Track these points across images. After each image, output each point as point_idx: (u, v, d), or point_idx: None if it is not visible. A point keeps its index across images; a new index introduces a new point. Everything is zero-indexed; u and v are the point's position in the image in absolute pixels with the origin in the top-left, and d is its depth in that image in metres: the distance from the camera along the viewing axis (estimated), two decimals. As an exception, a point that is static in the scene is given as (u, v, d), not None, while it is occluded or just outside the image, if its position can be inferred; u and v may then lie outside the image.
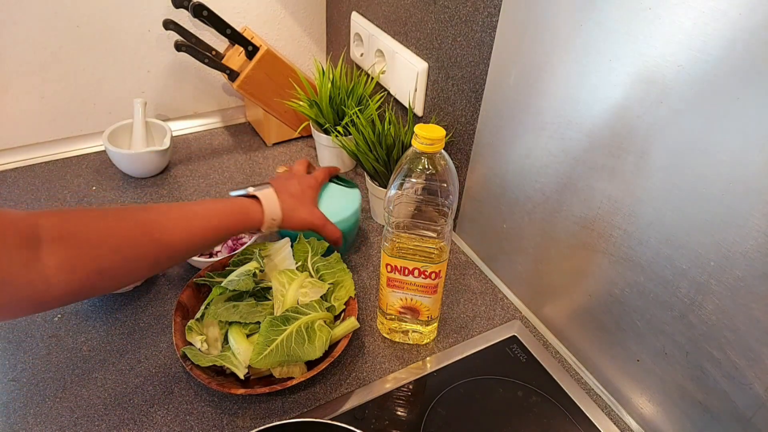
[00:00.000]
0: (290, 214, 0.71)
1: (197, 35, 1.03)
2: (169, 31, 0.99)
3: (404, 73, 0.92)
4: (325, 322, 0.68)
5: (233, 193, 0.73)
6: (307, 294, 0.70)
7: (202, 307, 0.70)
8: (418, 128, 0.60)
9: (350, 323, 0.69)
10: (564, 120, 0.64)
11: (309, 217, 0.73)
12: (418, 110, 0.92)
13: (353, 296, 0.74)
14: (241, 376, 0.64)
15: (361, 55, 1.05)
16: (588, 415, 0.67)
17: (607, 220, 0.62)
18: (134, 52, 1.05)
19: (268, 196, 0.70)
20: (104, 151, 1.01)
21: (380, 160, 0.87)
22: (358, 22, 1.03)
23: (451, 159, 0.64)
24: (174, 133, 1.07)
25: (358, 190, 0.84)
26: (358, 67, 1.08)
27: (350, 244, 0.86)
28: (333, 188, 0.83)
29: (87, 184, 0.99)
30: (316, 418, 0.60)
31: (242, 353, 0.65)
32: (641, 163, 0.56)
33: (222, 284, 0.70)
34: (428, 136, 0.59)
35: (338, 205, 0.80)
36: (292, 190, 0.74)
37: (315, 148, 1.11)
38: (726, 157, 0.48)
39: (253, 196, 0.70)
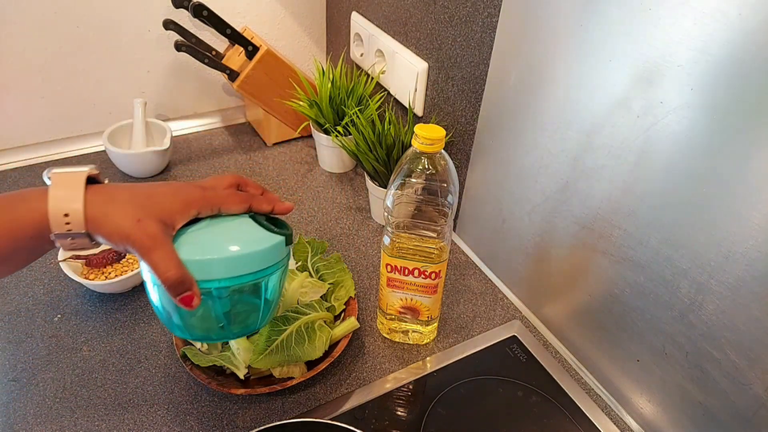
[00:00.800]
0: (102, 214, 0.43)
1: (197, 35, 1.03)
2: (169, 31, 0.99)
3: (404, 73, 0.92)
4: (325, 322, 0.68)
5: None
6: (307, 294, 0.70)
7: (202, 307, 0.70)
8: (418, 128, 0.60)
9: (350, 323, 0.69)
10: (564, 120, 0.64)
11: (130, 229, 0.43)
12: (418, 110, 0.92)
13: (353, 296, 0.74)
14: (241, 376, 0.64)
15: (361, 55, 1.05)
16: (588, 415, 0.67)
17: (607, 220, 0.62)
18: (134, 52, 1.05)
19: (64, 179, 0.43)
20: (104, 151, 1.01)
21: (380, 160, 0.87)
22: (358, 22, 1.03)
23: (451, 159, 0.64)
24: (174, 133, 1.07)
25: (281, 239, 0.50)
26: (358, 67, 1.08)
27: (241, 328, 0.52)
28: (242, 222, 0.50)
29: (87, 184, 0.99)
30: (316, 418, 0.60)
31: (242, 353, 0.65)
32: (641, 163, 0.56)
33: (222, 284, 0.70)
34: (428, 136, 0.59)
35: (219, 242, 0.47)
36: (131, 190, 0.46)
37: (315, 148, 1.11)
38: (726, 157, 0.48)
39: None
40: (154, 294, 0.48)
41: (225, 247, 0.47)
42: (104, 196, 0.44)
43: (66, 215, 0.42)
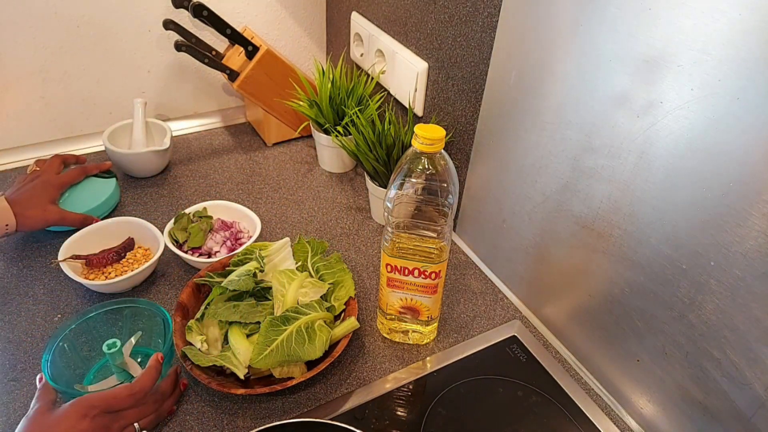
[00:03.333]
0: (23, 216, 0.78)
1: (197, 35, 1.03)
2: (169, 31, 0.99)
3: (404, 73, 0.92)
4: (325, 322, 0.68)
5: None
6: (307, 294, 0.70)
7: (202, 307, 0.70)
8: (418, 128, 0.60)
9: (350, 323, 0.69)
10: (564, 120, 0.64)
11: (42, 215, 0.81)
12: (418, 110, 0.92)
13: (353, 296, 0.74)
14: (241, 376, 0.64)
15: (361, 55, 1.05)
16: (588, 415, 0.67)
17: (607, 220, 0.62)
18: (134, 52, 1.05)
19: None
20: (104, 151, 1.01)
21: (380, 160, 0.87)
22: (358, 22, 1.03)
23: (451, 159, 0.64)
24: (174, 133, 1.07)
25: (113, 180, 0.94)
26: (358, 67, 1.08)
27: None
28: (89, 183, 0.91)
29: (87, 184, 0.99)
30: (316, 418, 0.60)
31: (242, 353, 0.65)
32: (641, 163, 0.56)
33: (222, 284, 0.70)
34: (428, 136, 0.59)
35: (88, 197, 0.89)
36: (27, 194, 0.81)
37: (315, 148, 1.11)
38: (726, 157, 0.48)
39: None
40: None
41: (94, 200, 0.92)
42: (18, 208, 0.79)
43: (7, 225, 0.77)
